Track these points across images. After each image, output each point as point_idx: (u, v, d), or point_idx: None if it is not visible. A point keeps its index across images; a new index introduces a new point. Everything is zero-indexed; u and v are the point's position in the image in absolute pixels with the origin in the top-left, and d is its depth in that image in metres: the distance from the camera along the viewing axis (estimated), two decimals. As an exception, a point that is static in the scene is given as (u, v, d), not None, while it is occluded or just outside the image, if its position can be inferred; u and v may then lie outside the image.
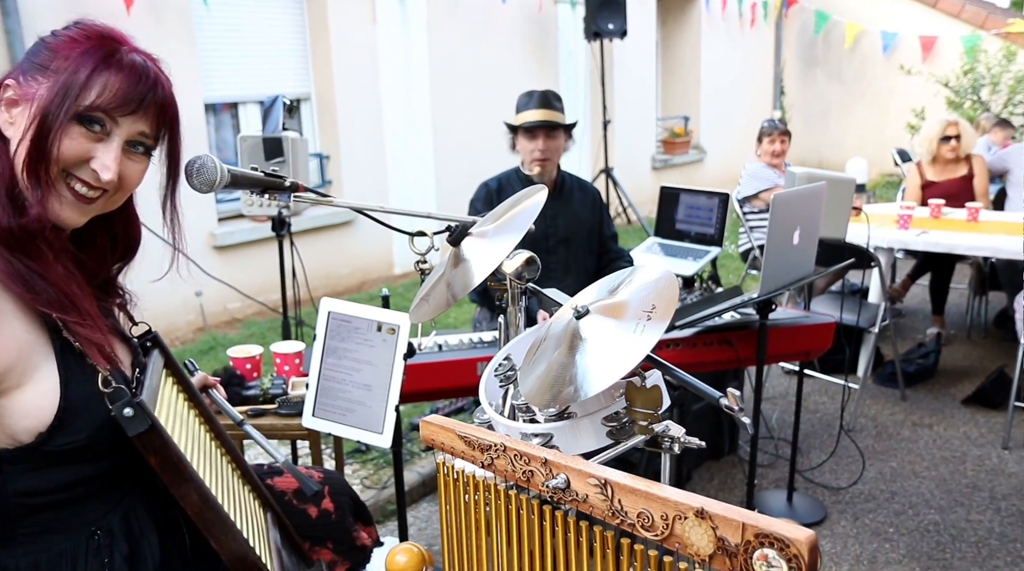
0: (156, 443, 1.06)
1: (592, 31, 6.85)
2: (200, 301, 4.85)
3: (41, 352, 1.04)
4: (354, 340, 1.69)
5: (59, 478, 1.07)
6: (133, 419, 1.05)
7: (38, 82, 1.06)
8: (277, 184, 1.33)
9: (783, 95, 10.68)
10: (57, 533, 1.08)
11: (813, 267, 2.56)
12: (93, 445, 1.07)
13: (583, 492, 0.89)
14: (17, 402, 1.02)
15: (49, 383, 1.04)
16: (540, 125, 2.80)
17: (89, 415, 1.06)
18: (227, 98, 5.26)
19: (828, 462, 3.24)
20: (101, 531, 1.11)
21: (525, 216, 1.24)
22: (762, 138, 4.59)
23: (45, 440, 1.03)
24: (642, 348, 0.94)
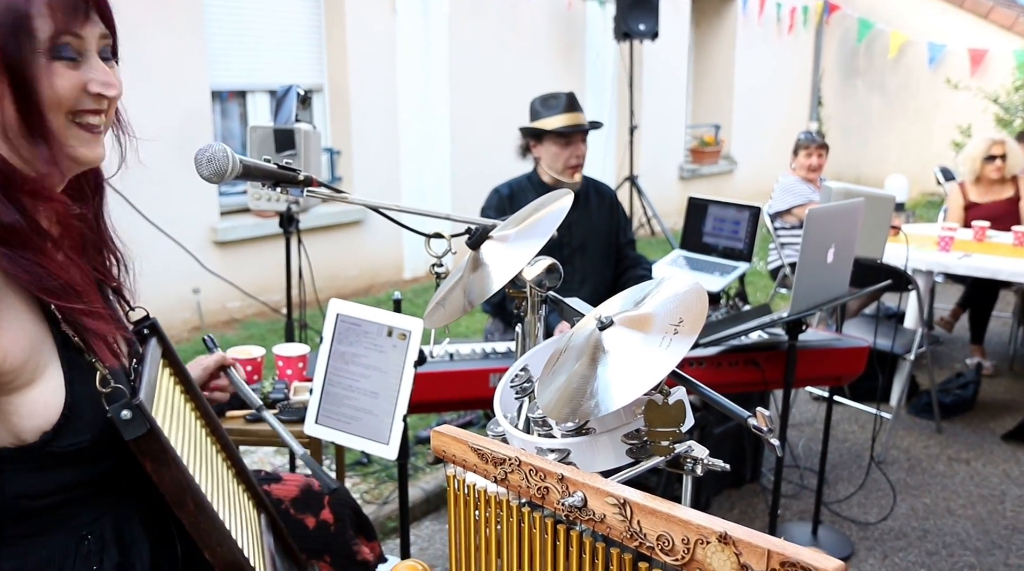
0: (153, 448, 1.06)
1: (622, 31, 6.87)
2: (198, 299, 4.89)
3: (47, 347, 1.05)
4: (363, 344, 1.70)
5: (59, 480, 1.07)
6: (131, 422, 1.04)
7: None
8: (290, 177, 1.35)
9: (821, 106, 10.66)
10: (47, 536, 1.08)
11: (847, 287, 2.56)
12: (96, 446, 1.07)
13: (600, 511, 0.90)
14: (27, 399, 1.02)
15: (55, 381, 1.05)
16: (576, 130, 2.81)
17: (91, 415, 1.06)
18: (235, 86, 5.31)
19: (857, 495, 3.22)
20: (92, 536, 1.12)
21: (549, 221, 1.25)
22: (798, 151, 4.59)
23: (50, 440, 1.04)
24: (667, 363, 0.94)
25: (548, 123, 2.84)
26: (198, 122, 4.83)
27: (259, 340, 4.67)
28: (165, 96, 4.58)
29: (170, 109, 4.61)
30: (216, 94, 5.18)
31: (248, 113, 5.42)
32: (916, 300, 3.91)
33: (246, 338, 4.74)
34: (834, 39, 10.57)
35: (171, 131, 4.51)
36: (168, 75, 4.60)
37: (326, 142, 5.78)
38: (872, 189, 3.50)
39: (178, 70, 4.67)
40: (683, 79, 8.87)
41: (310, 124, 2.70)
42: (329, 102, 5.74)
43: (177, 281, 4.74)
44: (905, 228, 4.21)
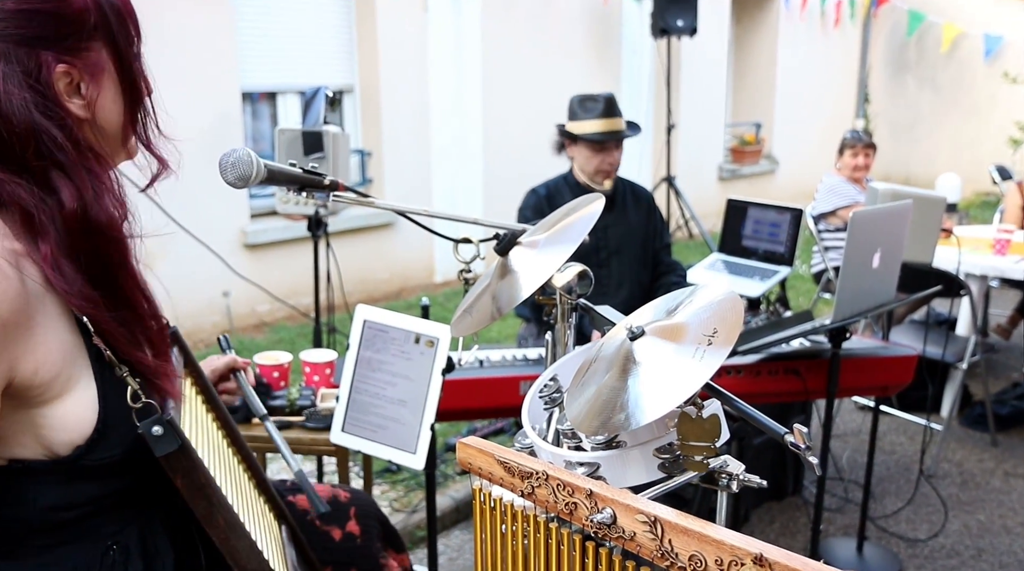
0: (184, 464, 1.07)
1: (659, 27, 6.84)
2: (227, 302, 4.96)
3: (80, 360, 1.06)
4: (390, 351, 1.71)
5: (88, 492, 1.08)
6: (162, 438, 1.05)
7: (90, 49, 1.07)
8: (316, 182, 1.35)
9: (867, 103, 10.50)
10: (73, 546, 1.10)
11: (894, 293, 2.51)
12: (126, 460, 1.09)
13: (630, 529, 0.89)
14: (58, 412, 1.04)
15: (89, 394, 1.06)
16: (610, 138, 2.80)
17: (123, 429, 1.07)
18: (265, 87, 5.38)
19: (905, 510, 3.16)
20: (117, 546, 1.13)
21: (580, 226, 1.24)
22: (843, 150, 4.52)
23: (83, 454, 1.05)
24: (701, 375, 0.93)
25: (583, 127, 2.84)
26: (228, 124, 4.90)
27: (288, 344, 4.72)
28: (196, 98, 4.65)
29: (200, 111, 4.68)
30: (247, 95, 5.25)
31: (279, 114, 5.49)
32: (969, 306, 3.83)
33: (275, 342, 4.79)
34: (882, 32, 10.41)
35: (201, 133, 4.57)
36: (198, 77, 4.68)
37: (357, 143, 5.82)
38: (921, 190, 3.43)
39: (208, 71, 4.75)
40: (723, 76, 8.79)
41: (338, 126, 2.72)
42: (360, 103, 5.79)
43: (207, 284, 4.81)
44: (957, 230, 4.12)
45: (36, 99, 1.01)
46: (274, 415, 2.04)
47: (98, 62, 1.07)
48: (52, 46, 1.03)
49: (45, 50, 1.03)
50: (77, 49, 1.05)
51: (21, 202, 1.00)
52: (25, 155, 1.01)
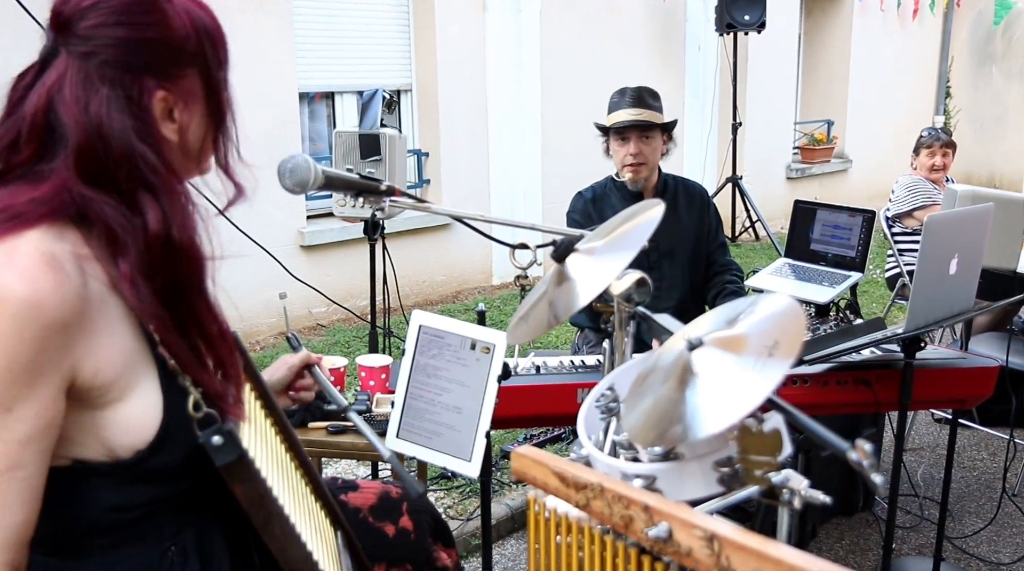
0: (243, 474, 1.11)
1: (725, 23, 6.76)
2: (284, 304, 5.06)
3: (144, 364, 1.11)
4: (445, 357, 1.73)
5: (147, 495, 1.13)
6: (222, 448, 1.09)
7: (185, 75, 1.13)
8: (372, 188, 1.39)
9: (949, 98, 10.20)
10: (132, 546, 1.15)
11: (972, 301, 2.44)
12: (185, 466, 1.13)
13: (687, 544, 0.89)
14: (120, 415, 1.08)
15: (151, 399, 1.10)
16: (631, 126, 2.78)
17: (184, 436, 1.12)
18: (323, 87, 5.49)
19: (986, 530, 3.07)
20: (175, 547, 1.17)
21: (638, 233, 1.25)
22: (919, 150, 4.40)
23: (144, 458, 1.10)
24: (761, 388, 0.93)
25: (609, 119, 2.85)
26: (286, 124, 5.02)
27: (344, 347, 4.80)
28: (253, 98, 4.76)
29: (258, 111, 4.80)
30: (304, 95, 5.36)
31: (336, 114, 5.59)
32: (1056, 314, 3.70)
33: (331, 345, 4.88)
34: (966, 23, 10.10)
35: (259, 133, 4.69)
36: (256, 77, 4.79)
37: (414, 144, 5.90)
38: (1005, 191, 3.33)
39: (266, 72, 4.86)
40: (792, 72, 8.65)
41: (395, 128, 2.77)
42: (417, 102, 5.86)
43: (264, 286, 4.92)
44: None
45: (136, 124, 1.08)
46: (329, 419, 2.09)
47: (192, 88, 1.14)
48: (154, 73, 1.10)
49: (147, 76, 1.10)
50: (175, 76, 1.12)
51: (107, 220, 1.06)
52: (118, 177, 1.07)
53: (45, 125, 1.06)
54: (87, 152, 1.05)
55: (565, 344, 4.69)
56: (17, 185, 1.06)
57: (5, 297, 0.98)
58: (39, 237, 1.03)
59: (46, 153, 1.06)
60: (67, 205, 1.05)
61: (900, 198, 4.33)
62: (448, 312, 5.45)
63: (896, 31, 9.33)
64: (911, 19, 9.39)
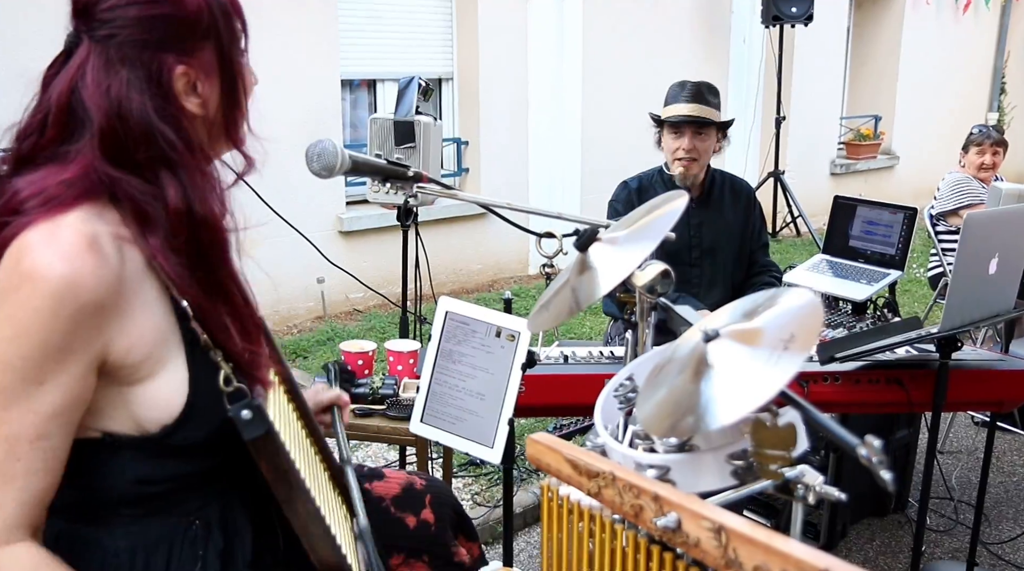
0: (270, 449, 1.13)
1: (772, 15, 6.67)
2: (322, 289, 5.12)
3: (173, 341, 1.13)
4: (471, 344, 1.74)
5: (174, 469, 1.16)
6: (251, 422, 1.11)
7: (203, 48, 1.14)
8: (400, 173, 1.40)
9: (1003, 94, 9.94)
10: (158, 518, 1.18)
11: (1013, 303, 2.39)
12: (211, 441, 1.16)
13: (695, 535, 0.89)
14: (149, 391, 1.11)
15: (179, 375, 1.13)
16: (687, 121, 2.76)
17: (211, 412, 1.14)
18: (365, 74, 5.52)
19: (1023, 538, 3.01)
20: (200, 522, 1.20)
21: (661, 223, 1.25)
22: (968, 147, 4.30)
23: (171, 433, 1.12)
24: (776, 381, 0.92)
25: (666, 111, 2.82)
26: (328, 110, 5.06)
27: (379, 333, 4.84)
28: (295, 85, 4.82)
29: (300, 97, 4.85)
30: (346, 82, 5.40)
31: (377, 102, 5.62)
32: (1104, 318, 3.60)
33: (367, 330, 4.93)
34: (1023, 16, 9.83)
35: (301, 119, 4.74)
36: (299, 63, 4.84)
37: (453, 132, 5.91)
38: (1053, 191, 3.25)
39: (309, 58, 4.91)
40: (839, 66, 8.50)
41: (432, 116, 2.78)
42: (458, 91, 5.87)
43: (303, 270, 4.98)
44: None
45: (156, 102, 1.09)
46: (357, 402, 2.11)
47: (210, 61, 1.14)
48: (172, 49, 1.11)
49: (165, 53, 1.11)
50: (193, 50, 1.13)
51: (134, 198, 1.08)
52: (138, 155, 1.09)
53: (68, 109, 1.08)
54: (109, 133, 1.07)
55: (598, 335, 4.68)
56: (46, 167, 1.08)
57: (45, 275, 1.01)
58: (81, 218, 1.05)
59: (70, 135, 1.09)
60: (97, 185, 1.07)
61: (945, 196, 4.24)
62: (483, 301, 5.46)
63: (949, 25, 9.11)
64: (964, 12, 9.16)
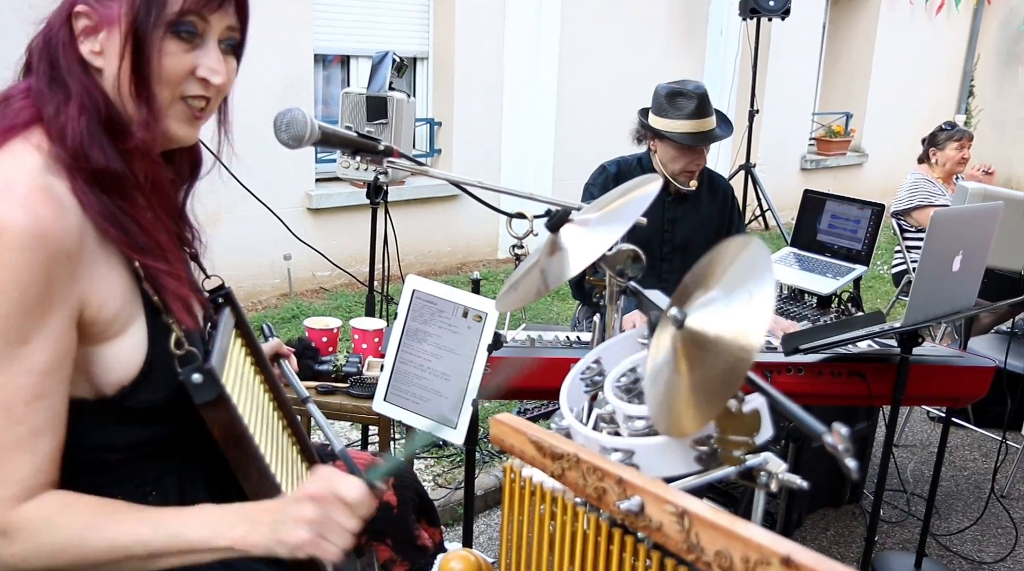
0: (222, 414, 1.12)
1: (749, 8, 6.68)
2: (288, 265, 5.06)
3: (134, 302, 1.12)
4: (437, 324, 1.73)
5: (131, 436, 1.14)
6: (201, 386, 1.10)
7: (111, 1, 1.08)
8: (370, 146, 1.38)
9: (972, 97, 10.08)
10: (114, 489, 1.15)
11: (974, 300, 2.42)
12: (168, 406, 1.14)
13: (658, 519, 0.89)
14: (112, 351, 1.09)
15: (138, 336, 1.11)
16: (702, 141, 2.72)
17: (166, 375, 1.12)
18: (339, 50, 5.45)
19: (971, 529, 3.07)
20: (156, 493, 1.19)
21: (634, 207, 1.24)
22: (945, 144, 4.33)
23: (128, 394, 1.10)
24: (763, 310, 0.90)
25: (671, 126, 2.72)
26: (300, 86, 4.99)
27: (345, 311, 4.81)
28: (268, 59, 4.74)
29: (272, 71, 4.77)
30: (320, 58, 5.32)
31: (351, 78, 5.55)
32: (1060, 319, 3.67)
33: (333, 308, 4.89)
34: (994, 21, 9.96)
35: (273, 94, 4.67)
36: (271, 38, 4.75)
37: (427, 112, 5.86)
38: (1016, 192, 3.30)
39: (281, 33, 4.82)
40: (814, 62, 8.55)
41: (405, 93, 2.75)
42: (433, 71, 5.82)
43: (269, 247, 4.92)
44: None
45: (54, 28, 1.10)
46: (320, 379, 2.09)
47: (116, 16, 1.07)
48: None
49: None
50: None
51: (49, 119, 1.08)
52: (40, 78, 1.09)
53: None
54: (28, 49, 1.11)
55: (566, 320, 4.69)
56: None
57: (8, 228, 0.98)
58: (31, 165, 1.03)
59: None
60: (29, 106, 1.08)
61: (902, 195, 4.30)
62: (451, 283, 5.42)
63: (923, 26, 9.21)
64: (937, 14, 9.26)
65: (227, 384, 1.17)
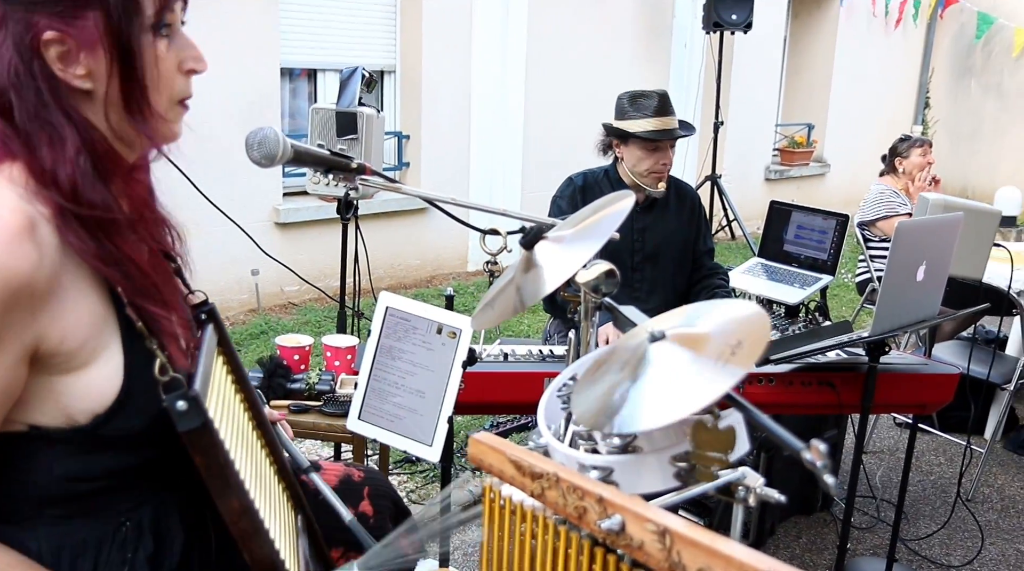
0: (205, 442, 1.07)
1: (712, 21, 6.77)
2: (256, 281, 5.01)
3: (109, 328, 1.08)
4: (411, 341, 1.72)
5: (105, 464, 1.10)
6: (186, 414, 1.05)
7: (83, 17, 1.03)
8: (343, 165, 1.37)
9: (928, 108, 10.29)
10: (86, 519, 1.12)
11: (938, 309, 2.46)
12: (145, 434, 1.10)
13: (639, 538, 0.89)
14: (82, 381, 1.05)
15: (114, 363, 1.07)
16: (665, 136, 2.75)
17: (146, 401, 1.08)
18: (306, 63, 5.43)
19: (939, 533, 3.11)
20: (130, 523, 1.14)
21: (608, 223, 1.24)
22: (908, 152, 4.42)
23: (102, 423, 1.06)
24: (712, 390, 0.92)
25: (635, 126, 2.76)
26: (266, 99, 4.95)
27: (315, 326, 4.77)
28: (234, 73, 4.70)
29: (239, 85, 4.73)
30: (286, 71, 5.29)
31: (318, 92, 5.53)
32: (1020, 325, 3.75)
33: (302, 324, 4.84)
34: (948, 35, 10.19)
35: (239, 108, 4.63)
36: (238, 51, 4.72)
37: (395, 126, 5.85)
38: (975, 202, 3.37)
39: (248, 46, 4.79)
40: (776, 74, 8.68)
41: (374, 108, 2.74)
42: (400, 84, 5.81)
43: (237, 262, 4.87)
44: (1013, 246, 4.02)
45: (24, 66, 1.02)
46: (292, 398, 2.07)
47: (95, 31, 1.03)
48: (44, 11, 1.02)
49: (36, 15, 1.02)
50: (72, 17, 1.02)
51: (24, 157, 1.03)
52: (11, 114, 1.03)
53: None
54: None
55: (536, 333, 4.69)
56: None
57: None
58: (12, 197, 0.99)
59: None
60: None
61: (868, 206, 4.37)
62: (421, 297, 5.42)
63: (880, 39, 9.39)
64: (895, 27, 9.45)
65: (210, 407, 1.13)
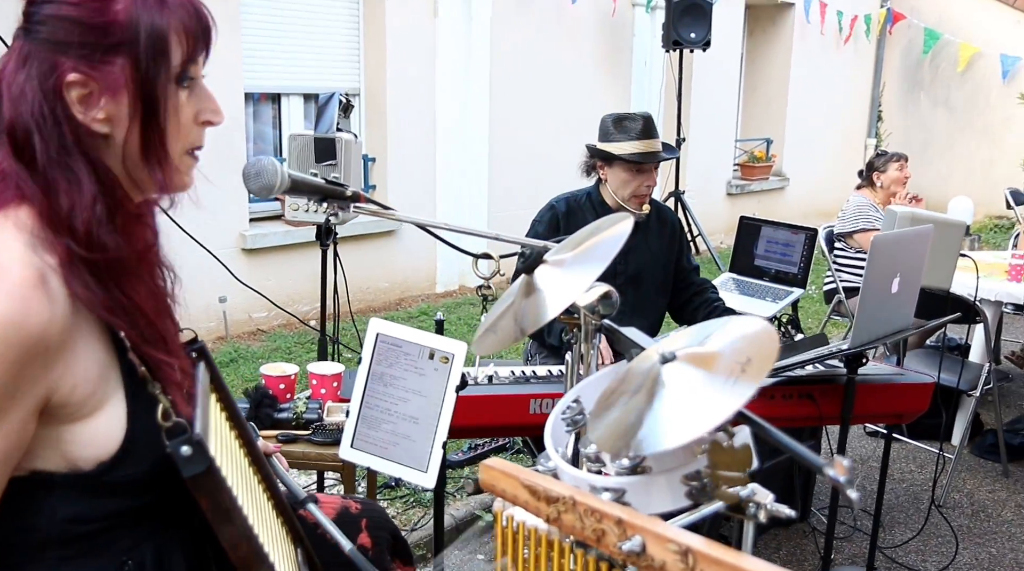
0: (210, 485, 1.07)
1: (672, 40, 6.87)
2: (224, 308, 4.95)
3: (114, 375, 1.08)
4: (402, 367, 1.72)
5: (108, 507, 1.09)
6: (191, 458, 1.04)
7: (110, 63, 1.04)
8: (338, 193, 1.37)
9: (880, 121, 10.54)
10: (88, 560, 1.10)
11: (912, 319, 2.52)
12: (150, 478, 1.10)
13: (660, 558, 0.90)
14: (88, 429, 1.05)
15: (117, 411, 1.07)
16: (650, 159, 2.78)
17: (149, 446, 1.08)
18: (270, 88, 5.40)
19: (914, 540, 3.16)
20: (132, 562, 1.13)
21: (607, 246, 1.26)
22: (886, 166, 4.57)
23: (106, 470, 1.06)
24: (728, 406, 0.94)
25: (620, 148, 2.79)
26: (230, 124, 4.92)
27: (285, 353, 4.72)
28: (198, 98, 4.66)
29: (202, 111, 4.69)
30: (248, 96, 5.26)
31: (282, 116, 5.50)
32: (984, 332, 3.84)
33: (272, 350, 4.79)
34: (897, 50, 10.47)
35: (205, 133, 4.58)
36: (202, 76, 4.68)
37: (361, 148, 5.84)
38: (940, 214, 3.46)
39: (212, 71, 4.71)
40: (734, 91, 8.83)
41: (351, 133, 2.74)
42: (365, 107, 5.81)
43: (203, 289, 4.81)
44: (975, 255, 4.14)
45: (46, 105, 1.03)
46: (280, 427, 2.05)
47: (120, 77, 1.05)
48: (71, 54, 1.03)
49: (63, 56, 1.03)
50: (98, 61, 1.04)
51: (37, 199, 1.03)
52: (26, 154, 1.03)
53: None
54: (11, 127, 1.03)
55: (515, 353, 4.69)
56: None
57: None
58: (21, 247, 0.99)
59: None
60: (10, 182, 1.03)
61: (848, 217, 4.47)
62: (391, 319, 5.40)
63: (833, 54, 9.61)
64: (846, 43, 9.68)
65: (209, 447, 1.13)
